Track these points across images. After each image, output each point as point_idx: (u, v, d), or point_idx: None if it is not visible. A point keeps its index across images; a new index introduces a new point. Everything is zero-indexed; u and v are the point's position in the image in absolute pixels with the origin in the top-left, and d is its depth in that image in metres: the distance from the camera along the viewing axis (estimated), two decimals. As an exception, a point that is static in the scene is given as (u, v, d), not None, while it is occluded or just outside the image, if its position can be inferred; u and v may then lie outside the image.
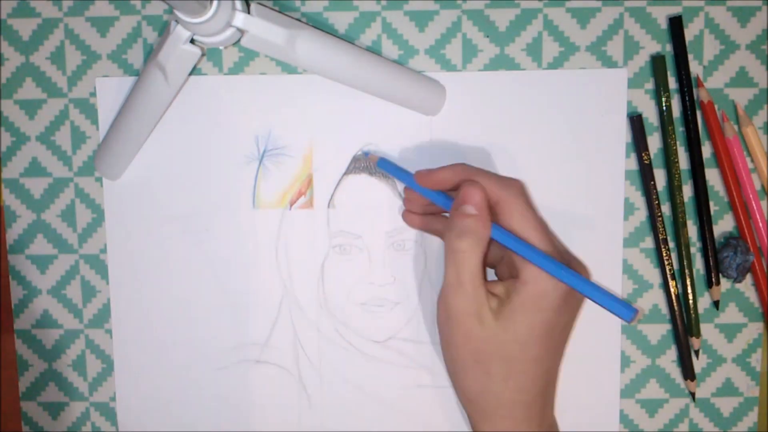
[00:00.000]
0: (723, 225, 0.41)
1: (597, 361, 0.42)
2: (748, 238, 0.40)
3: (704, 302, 0.42)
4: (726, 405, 0.42)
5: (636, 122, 0.40)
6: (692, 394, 0.42)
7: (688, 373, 0.41)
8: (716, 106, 0.40)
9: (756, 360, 0.42)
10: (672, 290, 0.41)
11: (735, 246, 0.40)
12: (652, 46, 0.40)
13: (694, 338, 0.41)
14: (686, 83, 0.40)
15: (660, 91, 0.40)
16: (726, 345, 0.42)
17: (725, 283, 0.41)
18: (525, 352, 0.34)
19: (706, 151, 0.41)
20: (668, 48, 0.40)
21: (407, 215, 0.40)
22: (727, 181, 0.40)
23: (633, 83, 0.40)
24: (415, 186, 0.38)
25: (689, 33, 0.40)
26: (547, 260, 0.34)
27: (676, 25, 0.39)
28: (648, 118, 0.41)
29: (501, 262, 0.38)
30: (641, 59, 0.40)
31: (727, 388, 0.42)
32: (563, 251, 0.38)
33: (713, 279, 0.41)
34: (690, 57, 0.40)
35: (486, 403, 0.35)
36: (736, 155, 0.40)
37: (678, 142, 0.40)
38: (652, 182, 0.40)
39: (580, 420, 0.42)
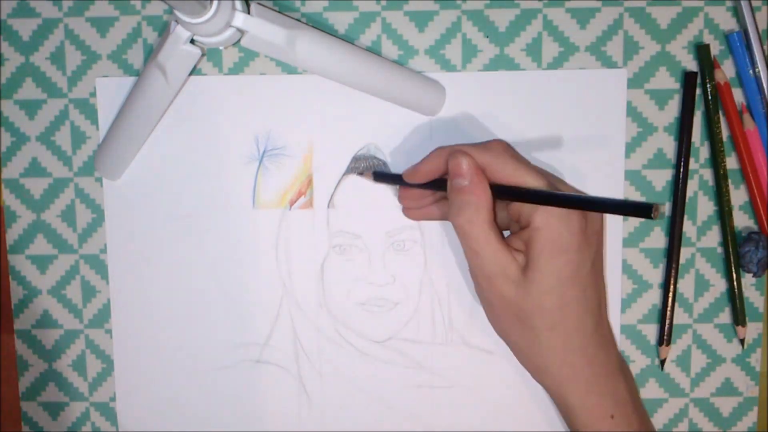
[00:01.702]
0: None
1: (597, 361, 0.42)
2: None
3: (703, 302, 0.42)
4: (725, 405, 0.42)
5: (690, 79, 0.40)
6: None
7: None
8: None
9: (756, 360, 0.42)
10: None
11: (757, 241, 0.40)
12: (651, 46, 0.40)
13: (740, 327, 0.41)
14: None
15: (705, 80, 0.40)
16: (726, 345, 0.42)
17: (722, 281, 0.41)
18: (560, 298, 0.34)
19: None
20: (667, 48, 0.40)
21: (406, 211, 0.40)
22: (746, 174, 0.40)
23: (633, 83, 0.40)
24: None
25: (689, 32, 0.40)
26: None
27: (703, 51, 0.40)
28: (648, 118, 0.41)
29: (512, 220, 0.37)
30: (641, 59, 0.40)
31: (727, 388, 0.42)
32: (561, 184, 0.38)
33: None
34: (691, 57, 0.40)
35: (540, 357, 0.35)
36: (756, 149, 0.40)
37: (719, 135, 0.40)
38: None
39: (580, 420, 0.42)
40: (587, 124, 0.40)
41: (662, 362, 0.42)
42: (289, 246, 0.42)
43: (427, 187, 0.37)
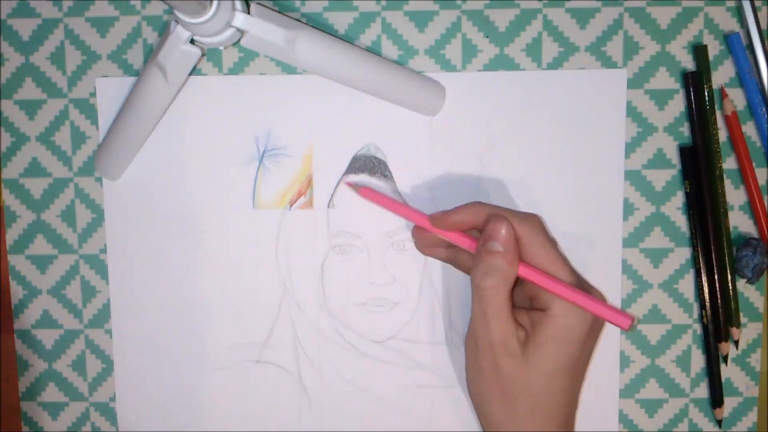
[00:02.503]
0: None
1: (597, 361, 0.42)
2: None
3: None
4: (726, 405, 0.42)
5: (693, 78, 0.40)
6: (736, 343, 0.41)
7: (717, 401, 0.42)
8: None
9: (756, 360, 0.42)
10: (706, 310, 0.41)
11: (755, 246, 0.40)
12: (651, 46, 0.40)
13: (734, 328, 0.41)
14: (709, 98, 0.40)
15: (702, 80, 0.40)
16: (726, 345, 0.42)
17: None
18: (551, 384, 0.35)
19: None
20: (667, 48, 0.40)
21: (418, 245, 0.40)
22: (748, 184, 0.40)
23: (633, 83, 0.40)
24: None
25: (689, 32, 0.40)
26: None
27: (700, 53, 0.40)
28: (648, 118, 0.41)
29: (525, 297, 0.37)
30: (641, 59, 0.40)
31: (727, 389, 0.42)
32: (583, 281, 0.38)
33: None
34: (691, 57, 0.40)
35: None
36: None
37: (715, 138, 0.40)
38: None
39: (580, 420, 0.42)
40: (587, 124, 0.40)
41: (719, 422, 0.42)
42: (289, 246, 0.42)
43: (448, 237, 0.37)
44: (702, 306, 0.41)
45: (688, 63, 0.40)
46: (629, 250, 0.41)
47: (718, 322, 0.41)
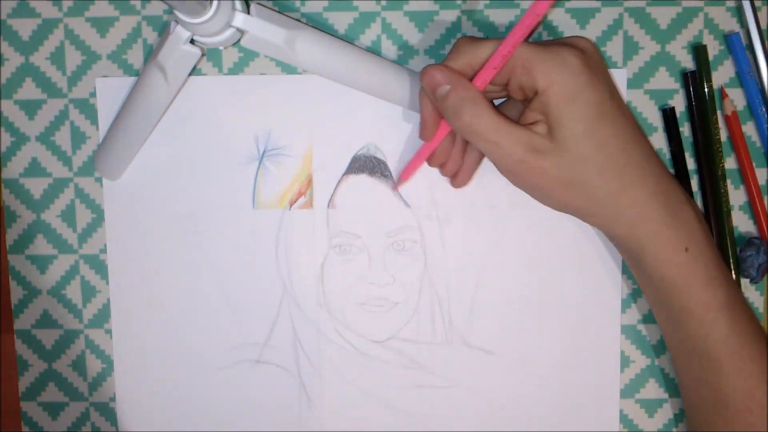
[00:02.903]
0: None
1: (597, 361, 0.42)
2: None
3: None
4: (726, 405, 0.42)
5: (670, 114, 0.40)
6: None
7: None
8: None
9: (756, 360, 0.42)
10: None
11: (758, 246, 0.39)
12: (651, 46, 0.40)
13: None
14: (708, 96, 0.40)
15: (702, 80, 0.40)
16: (726, 345, 0.42)
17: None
18: (595, 140, 0.33)
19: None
20: (667, 48, 0.40)
21: (455, 180, 0.39)
22: (749, 185, 0.40)
23: (633, 83, 0.40)
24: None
25: (689, 32, 0.40)
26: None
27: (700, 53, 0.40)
28: (648, 118, 0.41)
29: (518, 103, 0.37)
30: (641, 59, 0.40)
31: (727, 388, 0.42)
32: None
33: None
34: (691, 57, 0.40)
35: (603, 207, 0.34)
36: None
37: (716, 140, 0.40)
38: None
39: (580, 420, 0.42)
40: (587, 124, 0.40)
41: None
42: (289, 246, 0.42)
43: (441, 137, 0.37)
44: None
45: (688, 63, 0.40)
46: (629, 250, 0.41)
47: None
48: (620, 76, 0.40)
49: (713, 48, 0.40)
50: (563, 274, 0.41)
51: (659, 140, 0.41)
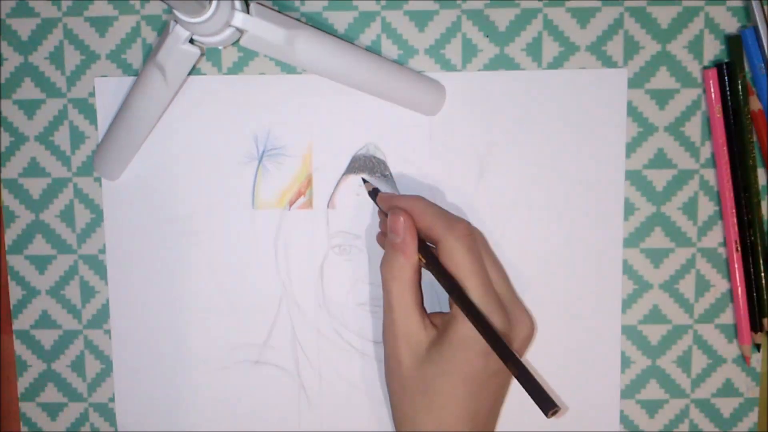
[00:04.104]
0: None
1: (597, 362, 0.41)
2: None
3: (704, 302, 0.42)
4: (726, 405, 0.42)
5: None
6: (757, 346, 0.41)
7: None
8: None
9: (756, 360, 0.42)
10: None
11: None
12: (652, 46, 0.40)
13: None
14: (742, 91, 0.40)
15: (736, 71, 0.39)
16: (726, 345, 0.42)
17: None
18: (448, 388, 0.35)
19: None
20: (667, 48, 0.40)
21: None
22: None
23: (633, 83, 0.40)
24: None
25: (689, 32, 0.40)
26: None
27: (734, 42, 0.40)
28: (648, 118, 0.41)
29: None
30: (641, 59, 0.40)
31: (727, 389, 0.42)
32: (509, 301, 0.37)
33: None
34: (691, 57, 0.40)
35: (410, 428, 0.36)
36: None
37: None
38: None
39: (580, 420, 0.42)
40: (587, 124, 0.40)
41: (758, 346, 0.41)
42: (289, 246, 0.41)
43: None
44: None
45: (689, 63, 0.40)
46: (630, 251, 0.41)
47: (753, 312, 0.41)
48: (621, 76, 0.40)
49: (714, 48, 0.40)
50: (563, 275, 0.41)
51: (660, 140, 0.41)
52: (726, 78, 0.39)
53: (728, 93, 0.40)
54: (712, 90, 0.40)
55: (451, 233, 0.35)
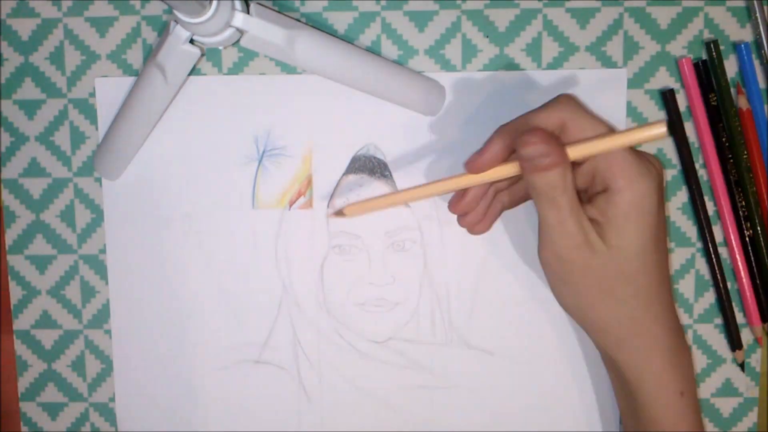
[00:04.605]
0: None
1: (597, 362, 0.41)
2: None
3: (704, 302, 0.42)
4: (726, 405, 0.42)
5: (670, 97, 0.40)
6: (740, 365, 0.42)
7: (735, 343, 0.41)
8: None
9: (756, 360, 0.42)
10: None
11: None
12: (652, 46, 0.40)
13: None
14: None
15: (717, 75, 0.39)
16: (726, 346, 0.42)
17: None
18: (643, 263, 0.33)
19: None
20: (667, 48, 0.40)
21: (472, 227, 0.37)
22: (760, 189, 0.40)
23: (633, 83, 0.40)
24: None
25: (689, 32, 0.40)
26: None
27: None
28: (648, 119, 0.41)
29: (581, 188, 0.35)
30: (641, 59, 0.40)
31: (727, 389, 0.42)
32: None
33: None
34: (691, 57, 0.40)
35: (620, 328, 0.34)
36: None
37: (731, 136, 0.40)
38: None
39: (580, 420, 0.42)
40: (587, 124, 0.40)
41: (741, 365, 0.42)
42: (289, 246, 0.42)
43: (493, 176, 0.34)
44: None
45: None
46: (629, 251, 0.41)
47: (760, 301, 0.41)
48: (620, 76, 0.40)
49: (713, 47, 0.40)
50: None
51: (660, 140, 0.41)
52: (703, 74, 0.40)
53: (712, 88, 0.40)
54: (689, 80, 0.40)
55: (565, 108, 0.33)
